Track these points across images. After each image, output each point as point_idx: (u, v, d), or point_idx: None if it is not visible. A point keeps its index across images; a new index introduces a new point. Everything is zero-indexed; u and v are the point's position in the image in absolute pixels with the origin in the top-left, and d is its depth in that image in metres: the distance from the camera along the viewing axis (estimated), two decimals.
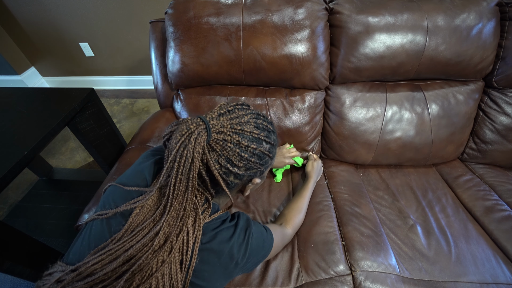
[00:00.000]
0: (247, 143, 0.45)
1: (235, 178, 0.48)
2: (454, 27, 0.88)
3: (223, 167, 0.45)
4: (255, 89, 1.03)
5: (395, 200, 0.95)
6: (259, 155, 0.48)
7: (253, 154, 0.47)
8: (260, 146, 0.48)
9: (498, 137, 1.01)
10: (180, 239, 0.44)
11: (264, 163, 0.50)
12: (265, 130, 0.49)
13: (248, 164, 0.47)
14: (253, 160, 0.47)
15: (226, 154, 0.44)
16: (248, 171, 0.48)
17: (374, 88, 1.01)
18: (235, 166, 0.46)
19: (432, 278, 0.73)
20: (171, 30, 0.94)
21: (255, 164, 0.48)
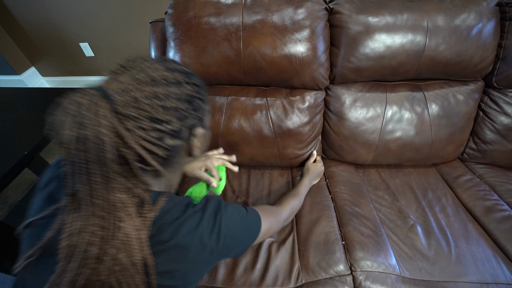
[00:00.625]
0: (165, 90, 0.37)
1: (172, 138, 0.38)
2: (454, 27, 0.88)
3: (150, 130, 0.35)
4: (255, 89, 1.03)
5: (395, 200, 0.95)
6: (188, 100, 0.39)
7: (180, 99, 0.38)
8: (184, 89, 0.39)
9: (498, 137, 1.01)
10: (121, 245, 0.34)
11: (195, 107, 0.41)
12: (179, 72, 0.40)
13: (179, 114, 0.38)
14: (183, 107, 0.38)
15: (147, 114, 0.35)
16: (183, 121, 0.39)
17: (374, 88, 1.01)
18: (164, 122, 0.36)
19: (432, 278, 0.73)
20: (171, 30, 0.94)
21: (187, 111, 0.39)
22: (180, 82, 0.39)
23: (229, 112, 1.00)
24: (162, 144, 0.37)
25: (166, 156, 0.38)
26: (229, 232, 0.43)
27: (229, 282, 0.74)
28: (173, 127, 0.37)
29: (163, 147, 0.37)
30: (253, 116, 0.99)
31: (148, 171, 0.37)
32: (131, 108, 0.34)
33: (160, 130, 0.36)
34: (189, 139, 0.42)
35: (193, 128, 0.42)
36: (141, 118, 0.34)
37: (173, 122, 0.37)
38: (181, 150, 0.42)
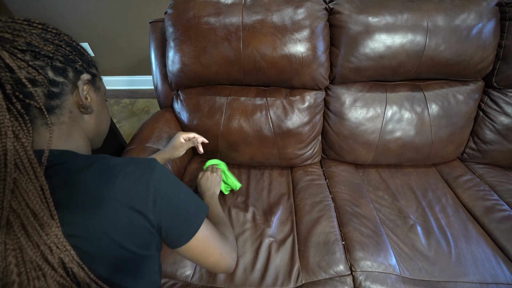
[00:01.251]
0: (42, 27, 0.37)
1: (55, 72, 0.37)
2: (454, 27, 0.88)
3: (26, 51, 0.34)
4: (255, 89, 1.03)
5: (395, 200, 0.95)
6: (69, 44, 0.40)
7: (59, 39, 0.38)
8: (63, 35, 0.40)
9: (498, 137, 1.01)
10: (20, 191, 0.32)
11: (83, 58, 0.42)
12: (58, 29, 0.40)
13: (59, 50, 0.38)
14: (63, 45, 0.38)
15: (23, 39, 0.34)
16: (67, 61, 0.38)
17: (374, 88, 1.01)
18: (43, 51, 0.35)
19: (432, 278, 0.73)
20: (171, 30, 0.94)
21: (69, 52, 0.39)
22: (57, 30, 0.39)
23: (229, 112, 1.00)
24: (41, 71, 0.35)
25: (48, 90, 0.36)
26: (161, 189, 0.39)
27: (229, 282, 0.74)
28: (55, 61, 0.37)
29: (44, 76, 0.35)
30: (253, 116, 0.99)
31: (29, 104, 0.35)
32: (6, 34, 0.33)
33: (39, 57, 0.35)
34: (74, 82, 0.40)
35: (79, 72, 0.41)
36: (17, 40, 0.33)
37: (56, 55, 0.37)
38: (67, 91, 0.39)
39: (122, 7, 1.84)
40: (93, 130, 0.46)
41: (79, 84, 0.40)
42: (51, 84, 0.36)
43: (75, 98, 0.41)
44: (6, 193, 0.31)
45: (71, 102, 0.40)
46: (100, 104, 0.47)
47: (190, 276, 0.75)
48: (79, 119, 0.43)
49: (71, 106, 0.40)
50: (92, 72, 0.44)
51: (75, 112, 0.42)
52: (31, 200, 0.31)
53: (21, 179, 0.32)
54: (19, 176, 0.32)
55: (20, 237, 0.31)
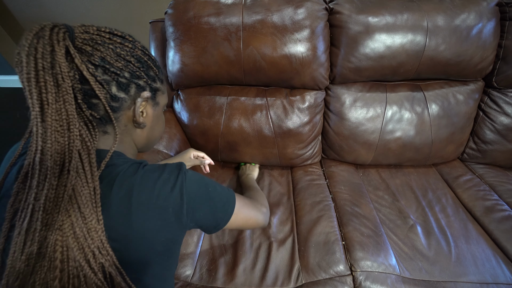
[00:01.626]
0: (121, 41, 0.40)
1: (118, 87, 0.39)
2: (454, 27, 0.88)
3: (98, 67, 0.37)
4: (255, 89, 1.03)
5: (395, 200, 0.95)
6: (140, 60, 0.42)
7: (132, 55, 0.41)
8: (138, 49, 0.42)
9: (498, 137, 1.01)
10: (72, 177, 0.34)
11: (149, 74, 0.44)
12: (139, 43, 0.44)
13: (128, 66, 0.40)
14: (133, 61, 0.40)
15: (99, 53, 0.37)
16: (132, 77, 0.41)
17: (374, 88, 1.01)
18: (112, 66, 0.38)
19: (432, 278, 0.73)
20: (171, 30, 0.94)
21: (137, 68, 0.41)
22: (136, 45, 0.42)
23: (229, 112, 1.00)
24: (106, 87, 0.38)
25: (109, 104, 0.39)
26: (192, 192, 0.42)
27: (229, 282, 0.74)
28: (121, 77, 0.39)
29: (107, 91, 0.38)
30: (253, 116, 0.99)
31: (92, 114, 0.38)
32: (88, 46, 0.36)
33: (107, 73, 0.38)
34: (134, 98, 0.42)
35: (141, 89, 0.43)
36: (94, 56, 0.36)
37: (123, 72, 0.39)
38: (125, 107, 0.42)
39: (122, 7, 1.84)
40: (143, 141, 0.49)
41: (137, 101, 0.43)
42: (112, 99, 0.39)
43: (131, 113, 0.43)
44: (65, 197, 0.34)
45: (127, 116, 0.43)
46: (155, 118, 0.49)
47: (190, 276, 0.75)
48: (131, 131, 0.45)
49: (126, 120, 0.43)
50: (155, 87, 0.46)
51: (130, 126, 0.44)
52: (83, 204, 0.34)
53: (78, 182, 0.34)
54: (77, 180, 0.34)
55: (69, 236, 0.33)
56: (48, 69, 0.33)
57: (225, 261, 0.78)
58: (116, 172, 0.39)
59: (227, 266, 0.77)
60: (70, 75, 0.35)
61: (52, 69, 0.33)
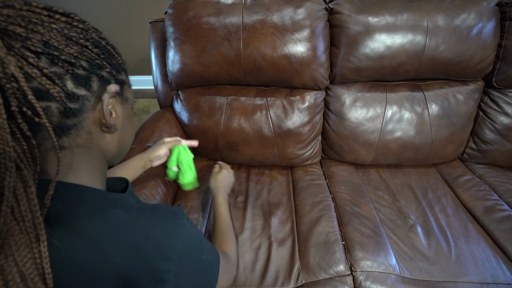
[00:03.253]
0: (67, 19, 0.29)
1: (75, 82, 0.29)
2: (454, 27, 0.88)
3: (41, 54, 0.26)
4: (255, 89, 1.03)
5: (395, 200, 0.95)
6: (97, 45, 0.32)
7: (86, 39, 0.30)
8: (92, 31, 0.32)
9: (498, 137, 1.01)
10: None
11: (112, 62, 0.34)
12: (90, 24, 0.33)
13: (85, 53, 0.30)
14: (89, 46, 0.30)
15: (39, 36, 0.26)
16: (92, 68, 0.30)
17: (374, 88, 1.01)
18: (64, 54, 0.27)
19: (432, 278, 0.73)
20: (171, 30, 0.94)
21: (96, 55, 0.31)
22: (84, 23, 0.31)
23: (229, 112, 1.00)
24: (58, 82, 0.27)
25: (64, 106, 0.28)
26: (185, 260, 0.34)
27: None
28: (78, 68, 0.29)
29: (61, 88, 0.27)
30: (253, 116, 0.99)
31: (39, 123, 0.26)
32: (17, 27, 0.25)
33: (57, 62, 0.27)
34: (99, 94, 0.32)
35: (106, 82, 0.32)
36: (30, 38, 0.25)
37: (78, 60, 0.29)
38: (89, 107, 0.31)
39: (122, 7, 1.85)
40: (113, 150, 0.38)
41: (104, 98, 0.32)
42: (69, 99, 0.28)
43: (97, 115, 0.33)
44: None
45: (92, 120, 0.32)
46: (126, 118, 0.38)
47: None
48: (98, 140, 0.34)
49: (91, 125, 0.32)
50: (122, 79, 0.36)
51: (95, 132, 0.33)
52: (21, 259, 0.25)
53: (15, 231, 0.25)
54: (13, 227, 0.25)
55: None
56: None
57: None
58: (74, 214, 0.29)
59: None
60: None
61: None
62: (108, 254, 0.29)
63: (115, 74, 0.34)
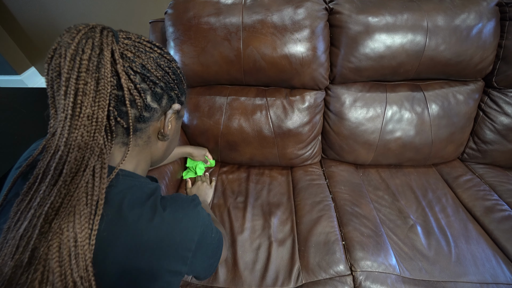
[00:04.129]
0: (160, 51, 0.40)
1: (153, 98, 0.38)
2: (454, 27, 0.88)
3: (138, 74, 0.36)
4: (255, 89, 1.03)
5: (395, 200, 0.95)
6: (174, 72, 0.41)
7: (169, 67, 0.40)
8: (174, 62, 0.42)
9: (498, 137, 1.01)
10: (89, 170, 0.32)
11: (180, 87, 0.43)
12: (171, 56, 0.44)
13: (165, 77, 0.39)
14: (170, 73, 0.40)
15: (140, 60, 0.36)
16: (167, 89, 0.40)
17: (374, 88, 1.01)
18: (152, 76, 0.37)
19: (432, 278, 0.73)
20: (171, 30, 0.94)
21: (172, 79, 0.40)
22: (172, 58, 0.42)
23: (229, 112, 1.00)
24: (142, 95, 0.37)
25: (140, 114, 0.37)
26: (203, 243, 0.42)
27: (229, 282, 0.74)
28: (158, 87, 0.38)
29: (143, 99, 0.37)
30: (253, 116, 0.99)
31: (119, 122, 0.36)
32: (130, 52, 0.36)
33: (146, 81, 0.37)
34: (165, 109, 0.41)
35: (172, 101, 0.42)
36: (135, 62, 0.36)
37: (160, 82, 0.38)
38: (155, 118, 0.40)
39: (122, 7, 1.84)
40: (159, 155, 0.47)
41: (168, 113, 0.42)
42: (145, 109, 0.38)
43: (159, 125, 0.42)
44: (67, 210, 0.31)
45: (154, 128, 0.42)
46: (176, 131, 0.48)
47: (190, 276, 0.75)
48: (152, 144, 0.43)
49: (152, 132, 0.42)
50: (182, 100, 0.45)
51: (153, 138, 0.43)
52: (80, 223, 0.31)
53: (82, 197, 0.32)
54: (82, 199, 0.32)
55: (54, 258, 0.30)
56: (92, 72, 0.32)
57: (225, 261, 0.78)
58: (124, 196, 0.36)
59: (227, 266, 0.77)
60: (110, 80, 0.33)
61: (96, 72, 0.32)
62: (139, 241, 0.34)
63: (180, 96, 0.44)
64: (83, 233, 0.31)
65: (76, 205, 0.31)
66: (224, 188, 1.00)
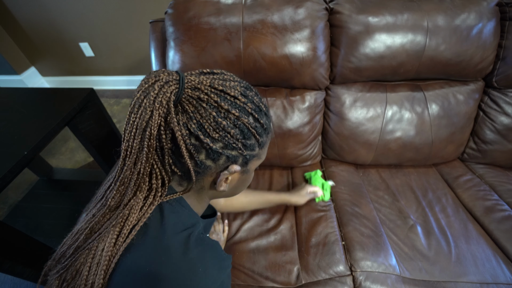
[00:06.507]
0: (228, 107, 0.35)
1: (207, 156, 0.36)
2: (454, 27, 0.88)
3: (192, 134, 0.34)
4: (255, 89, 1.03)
5: (395, 200, 0.95)
6: (242, 129, 0.37)
7: (234, 125, 0.36)
8: (245, 117, 0.36)
9: (498, 137, 1.01)
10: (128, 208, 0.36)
11: (247, 143, 0.38)
12: (254, 103, 0.38)
13: (225, 137, 0.36)
14: (232, 132, 0.36)
15: (199, 117, 0.34)
16: (226, 149, 0.37)
17: (374, 88, 1.01)
18: (208, 136, 0.35)
19: (432, 278, 0.73)
20: (171, 30, 0.94)
21: (235, 140, 0.36)
22: (247, 110, 0.37)
23: None
24: (195, 155, 0.36)
25: (193, 168, 0.37)
26: None
27: None
28: (213, 145, 0.35)
29: (194, 156, 0.36)
30: None
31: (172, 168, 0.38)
32: (191, 106, 0.34)
33: (200, 140, 0.35)
34: (222, 168, 0.39)
35: (232, 162, 0.39)
36: (192, 119, 0.34)
37: (216, 141, 0.35)
38: (209, 173, 0.39)
39: (122, 7, 1.84)
40: (222, 195, 0.47)
41: (223, 174, 0.39)
42: (197, 165, 0.37)
43: (213, 179, 0.40)
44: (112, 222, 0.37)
45: (207, 181, 0.41)
46: (241, 181, 0.45)
47: None
48: (208, 189, 0.43)
49: (205, 183, 0.41)
50: (252, 154, 0.40)
51: (207, 187, 0.42)
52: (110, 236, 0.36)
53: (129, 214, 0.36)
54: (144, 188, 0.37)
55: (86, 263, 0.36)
56: (140, 129, 0.33)
57: None
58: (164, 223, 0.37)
59: None
60: (161, 133, 0.34)
61: (143, 131, 0.33)
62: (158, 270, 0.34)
63: (246, 153, 0.39)
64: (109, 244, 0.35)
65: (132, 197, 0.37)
66: None
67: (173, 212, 0.39)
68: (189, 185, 0.40)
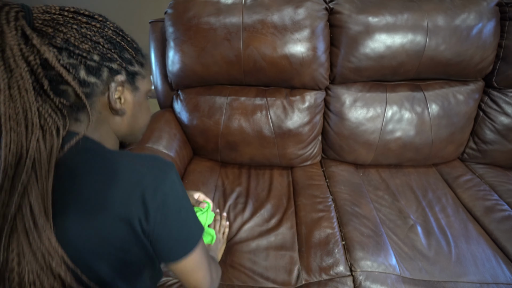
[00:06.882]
0: (87, 19, 0.36)
1: (88, 71, 0.35)
2: (454, 27, 0.88)
3: (62, 50, 0.33)
4: (255, 89, 1.03)
5: (395, 200, 0.95)
6: (110, 40, 0.37)
7: (100, 35, 0.36)
8: (108, 29, 0.38)
9: (498, 137, 1.01)
10: None
11: (123, 56, 0.39)
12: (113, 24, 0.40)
13: (97, 47, 0.36)
14: (101, 41, 0.36)
15: (62, 35, 0.33)
16: (103, 60, 0.36)
17: (374, 88, 1.01)
18: (78, 48, 0.34)
19: (432, 278, 0.73)
20: (171, 30, 0.94)
21: (107, 50, 0.37)
22: (107, 25, 0.38)
23: (229, 112, 1.00)
24: (73, 71, 0.34)
25: (79, 89, 0.35)
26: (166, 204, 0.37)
27: (228, 282, 0.74)
28: (90, 60, 0.35)
29: (74, 75, 0.34)
30: (253, 116, 0.99)
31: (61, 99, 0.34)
32: (49, 28, 0.33)
33: (73, 56, 0.34)
34: (108, 82, 0.38)
35: (115, 72, 0.38)
36: (56, 37, 0.33)
37: (91, 54, 0.35)
38: (98, 92, 0.37)
39: (122, 7, 1.84)
40: (124, 130, 0.44)
41: (111, 86, 0.38)
42: (81, 84, 0.35)
43: (107, 99, 0.39)
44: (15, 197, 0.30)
45: (102, 103, 0.39)
46: (137, 105, 0.44)
47: None
48: (108, 119, 0.41)
49: (101, 106, 0.39)
50: (133, 70, 0.41)
51: (105, 113, 0.40)
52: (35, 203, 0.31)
53: (32, 180, 0.31)
54: (32, 178, 0.31)
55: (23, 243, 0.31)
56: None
57: (224, 261, 0.78)
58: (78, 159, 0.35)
59: (226, 267, 0.76)
60: (29, 59, 0.31)
61: (2, 52, 0.30)
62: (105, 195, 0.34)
63: (126, 66, 0.40)
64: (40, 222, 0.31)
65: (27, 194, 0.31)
66: (224, 188, 1.00)
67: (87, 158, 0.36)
68: (86, 116, 0.37)
